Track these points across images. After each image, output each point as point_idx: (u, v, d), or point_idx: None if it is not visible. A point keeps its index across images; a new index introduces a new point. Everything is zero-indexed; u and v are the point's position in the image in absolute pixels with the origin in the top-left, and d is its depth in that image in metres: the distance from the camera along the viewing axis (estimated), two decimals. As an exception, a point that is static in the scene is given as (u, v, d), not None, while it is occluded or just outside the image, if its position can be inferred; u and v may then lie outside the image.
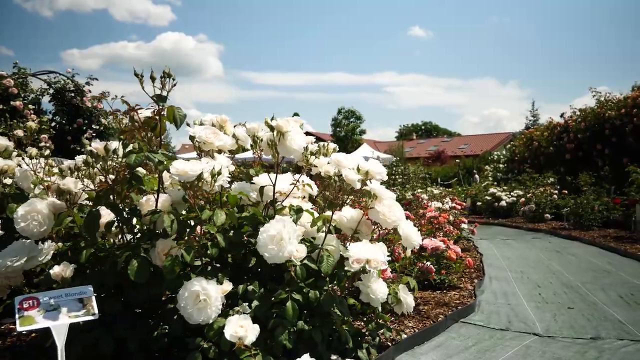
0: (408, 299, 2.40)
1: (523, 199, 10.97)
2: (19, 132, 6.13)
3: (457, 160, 25.57)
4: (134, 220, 2.04)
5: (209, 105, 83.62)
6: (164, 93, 1.84)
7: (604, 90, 13.71)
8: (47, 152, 2.59)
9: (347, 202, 2.23)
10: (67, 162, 2.25)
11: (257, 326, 1.76)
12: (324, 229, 2.14)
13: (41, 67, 11.39)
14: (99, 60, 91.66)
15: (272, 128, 1.93)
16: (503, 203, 11.73)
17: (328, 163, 2.26)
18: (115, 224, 2.00)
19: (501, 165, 17.84)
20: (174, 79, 1.82)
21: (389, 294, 2.33)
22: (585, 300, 3.91)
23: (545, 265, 5.56)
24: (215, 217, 1.80)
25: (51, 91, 9.83)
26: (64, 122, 9.77)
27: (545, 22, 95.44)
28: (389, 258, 2.22)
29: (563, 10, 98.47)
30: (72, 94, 9.79)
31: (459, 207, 6.13)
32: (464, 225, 6.73)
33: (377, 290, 2.21)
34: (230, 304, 2.08)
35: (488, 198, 12.38)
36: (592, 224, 8.44)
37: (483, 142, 33.90)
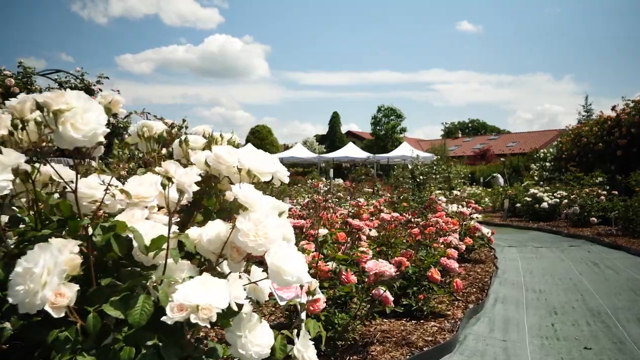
0: (306, 354, 1.66)
1: (566, 201, 9.76)
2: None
3: (502, 159, 23.98)
4: None
5: (255, 106, 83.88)
6: None
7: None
8: None
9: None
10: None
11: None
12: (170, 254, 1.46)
13: (97, 72, 11.58)
14: (151, 64, 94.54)
15: (40, 107, 1.28)
16: (545, 205, 10.52)
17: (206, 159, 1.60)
18: None
19: (547, 164, 16.41)
20: None
21: (274, 347, 1.62)
22: (613, 336, 3.01)
23: (574, 282, 4.59)
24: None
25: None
26: None
27: (601, 11, 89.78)
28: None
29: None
30: None
31: (467, 212, 5.25)
32: (485, 230, 5.85)
33: (250, 342, 1.47)
34: None
35: (528, 199, 11.19)
36: (645, 230, 7.25)
37: (533, 140, 31.81)
